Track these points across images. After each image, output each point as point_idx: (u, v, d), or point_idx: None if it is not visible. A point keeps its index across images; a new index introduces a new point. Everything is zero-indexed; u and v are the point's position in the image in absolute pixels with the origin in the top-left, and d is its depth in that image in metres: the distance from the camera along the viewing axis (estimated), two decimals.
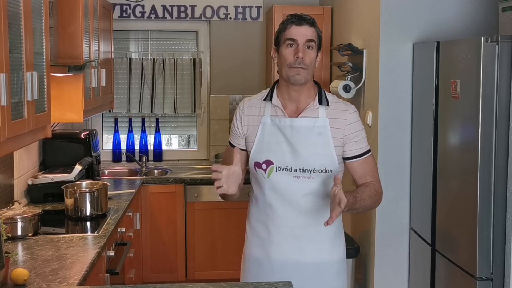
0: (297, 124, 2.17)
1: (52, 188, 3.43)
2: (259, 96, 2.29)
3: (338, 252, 2.28)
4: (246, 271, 2.32)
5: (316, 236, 2.22)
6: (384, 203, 3.31)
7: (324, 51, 4.38)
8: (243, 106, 2.29)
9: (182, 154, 5.04)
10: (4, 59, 1.98)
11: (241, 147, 2.28)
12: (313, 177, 2.16)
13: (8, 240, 2.62)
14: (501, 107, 2.55)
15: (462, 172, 2.79)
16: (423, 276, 3.19)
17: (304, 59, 2.10)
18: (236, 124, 2.28)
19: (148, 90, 4.82)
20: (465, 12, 3.32)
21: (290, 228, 2.20)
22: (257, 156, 2.20)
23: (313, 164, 2.15)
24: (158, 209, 4.35)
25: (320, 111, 2.18)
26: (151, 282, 4.25)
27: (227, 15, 4.87)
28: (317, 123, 2.17)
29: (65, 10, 3.28)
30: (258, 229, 2.27)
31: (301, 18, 2.14)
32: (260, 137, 2.21)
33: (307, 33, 2.12)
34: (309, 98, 2.20)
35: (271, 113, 2.21)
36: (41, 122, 2.45)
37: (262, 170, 2.20)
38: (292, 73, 2.12)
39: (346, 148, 2.19)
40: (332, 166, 2.17)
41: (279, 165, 2.17)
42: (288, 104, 2.21)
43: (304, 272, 2.21)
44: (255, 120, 2.24)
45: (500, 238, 2.58)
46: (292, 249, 2.21)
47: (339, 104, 2.23)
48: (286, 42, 2.13)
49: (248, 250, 2.32)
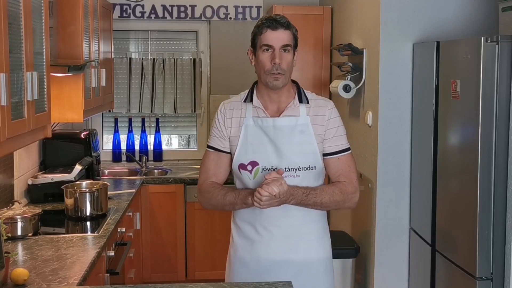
0: (279, 124, 2.18)
1: (52, 188, 3.43)
2: (238, 98, 2.28)
3: (325, 250, 2.29)
4: (231, 272, 2.30)
5: (304, 234, 2.22)
6: (384, 203, 3.35)
7: (324, 51, 4.39)
8: (224, 109, 2.27)
9: (182, 154, 5.04)
10: (4, 59, 1.98)
11: (226, 149, 2.26)
12: (298, 175, 2.17)
13: (8, 240, 2.62)
14: (501, 107, 2.55)
15: (462, 172, 2.79)
16: (423, 276, 3.19)
17: (281, 64, 2.12)
18: (220, 127, 2.26)
19: (148, 90, 4.83)
20: (465, 12, 3.32)
21: (279, 227, 2.20)
22: (242, 157, 2.20)
23: (297, 162, 2.16)
24: (158, 209, 4.35)
25: (300, 109, 2.20)
26: (151, 282, 4.25)
27: (227, 15, 4.87)
28: (299, 121, 2.19)
29: (65, 10, 3.28)
30: (245, 230, 2.26)
31: (276, 21, 2.13)
32: (243, 139, 2.20)
33: (283, 37, 2.13)
34: (289, 97, 2.22)
35: (253, 114, 2.22)
36: (41, 122, 2.44)
37: (248, 172, 2.19)
38: (270, 79, 2.14)
39: (324, 144, 2.21)
40: (315, 163, 2.19)
41: (265, 166, 2.17)
42: (269, 105, 2.22)
43: (292, 271, 2.20)
44: (237, 122, 2.23)
45: (500, 238, 2.58)
46: (281, 248, 2.20)
47: (319, 101, 2.25)
48: (262, 47, 2.14)
49: (234, 251, 2.30)
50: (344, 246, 3.48)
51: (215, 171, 2.27)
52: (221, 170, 2.28)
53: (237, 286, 2.09)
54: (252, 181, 2.19)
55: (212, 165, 2.28)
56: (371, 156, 3.42)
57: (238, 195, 2.17)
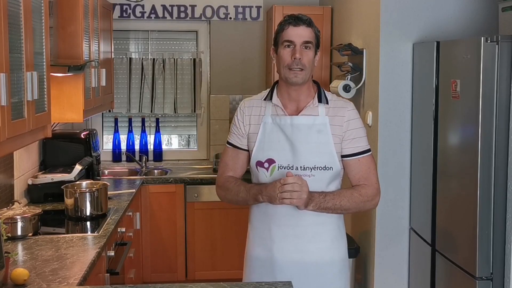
0: (297, 122, 2.19)
1: (52, 188, 3.43)
2: (259, 97, 2.31)
3: (340, 252, 2.28)
4: (248, 271, 2.33)
5: (318, 235, 2.22)
6: (384, 203, 3.34)
7: (324, 51, 4.38)
8: (244, 106, 2.31)
9: (182, 154, 5.04)
10: (4, 59, 1.98)
11: (243, 147, 2.29)
12: (313, 174, 2.17)
13: (8, 240, 2.62)
14: (501, 107, 2.55)
15: (462, 172, 2.79)
16: (423, 276, 3.19)
17: (302, 59, 2.13)
18: (238, 124, 2.29)
19: (148, 90, 4.83)
20: (465, 12, 3.32)
21: (292, 227, 2.20)
22: (259, 155, 2.22)
23: (313, 161, 2.16)
24: (158, 209, 4.35)
25: (319, 109, 2.20)
26: (151, 282, 4.25)
27: (227, 15, 4.87)
28: (317, 120, 2.19)
29: (65, 10, 3.28)
30: (259, 228, 2.28)
31: (298, 18, 2.16)
32: (261, 136, 2.22)
33: (304, 33, 2.14)
34: (308, 97, 2.22)
35: (272, 113, 2.23)
36: (41, 122, 2.44)
37: (264, 169, 2.21)
38: (290, 75, 2.14)
39: (343, 145, 2.20)
40: (332, 164, 2.18)
41: (281, 163, 2.18)
42: (288, 104, 2.23)
43: (305, 271, 2.21)
44: (257, 119, 2.26)
45: (500, 238, 2.58)
46: (293, 248, 2.21)
47: (338, 102, 2.25)
48: (283, 43, 2.15)
49: (250, 250, 2.32)
50: None
51: (232, 166, 2.33)
52: (238, 166, 2.33)
53: (237, 286, 2.09)
54: (268, 179, 2.20)
55: (230, 160, 2.33)
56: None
57: (249, 192, 2.20)
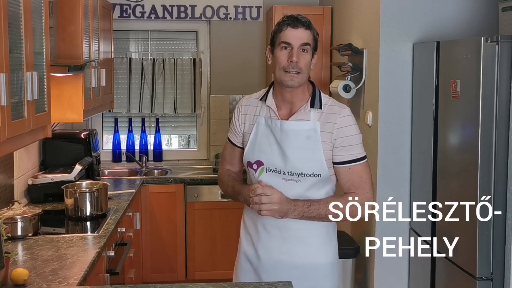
0: (285, 127, 2.15)
1: (52, 188, 3.43)
2: (257, 95, 2.29)
3: (328, 255, 2.24)
4: (237, 267, 2.35)
5: (304, 239, 2.20)
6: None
7: (324, 51, 4.38)
8: (241, 104, 2.30)
9: (182, 154, 5.04)
10: (4, 59, 1.98)
11: (239, 144, 2.30)
12: (301, 180, 2.14)
13: (8, 240, 2.62)
14: (501, 107, 2.55)
15: (462, 172, 2.78)
16: (423, 276, 3.19)
17: (298, 63, 2.08)
18: (235, 122, 2.30)
19: (148, 90, 4.83)
20: (465, 12, 3.32)
21: (277, 228, 2.20)
22: (250, 155, 2.22)
23: (300, 168, 2.13)
24: (158, 209, 4.35)
25: (311, 114, 2.15)
26: (151, 282, 4.25)
27: (227, 15, 4.87)
28: (307, 126, 2.14)
29: (65, 10, 3.28)
30: (249, 226, 2.30)
31: (297, 20, 2.10)
32: (253, 137, 2.22)
33: (302, 36, 2.08)
34: (302, 100, 2.18)
35: (266, 114, 2.22)
36: (41, 122, 2.45)
37: (253, 170, 2.21)
38: (286, 78, 2.10)
39: (334, 153, 2.14)
40: (320, 171, 2.14)
41: (269, 167, 2.17)
42: (282, 105, 2.20)
43: (291, 273, 2.19)
44: (251, 119, 2.25)
45: (500, 238, 2.58)
46: (278, 249, 2.21)
47: (333, 107, 2.17)
48: (280, 44, 2.10)
49: (240, 246, 2.34)
50: (344, 246, 3.47)
51: (230, 161, 2.37)
52: (235, 162, 2.36)
53: (237, 286, 2.09)
54: (256, 180, 2.19)
55: (228, 155, 2.37)
56: (371, 156, 3.42)
57: (234, 190, 2.25)
